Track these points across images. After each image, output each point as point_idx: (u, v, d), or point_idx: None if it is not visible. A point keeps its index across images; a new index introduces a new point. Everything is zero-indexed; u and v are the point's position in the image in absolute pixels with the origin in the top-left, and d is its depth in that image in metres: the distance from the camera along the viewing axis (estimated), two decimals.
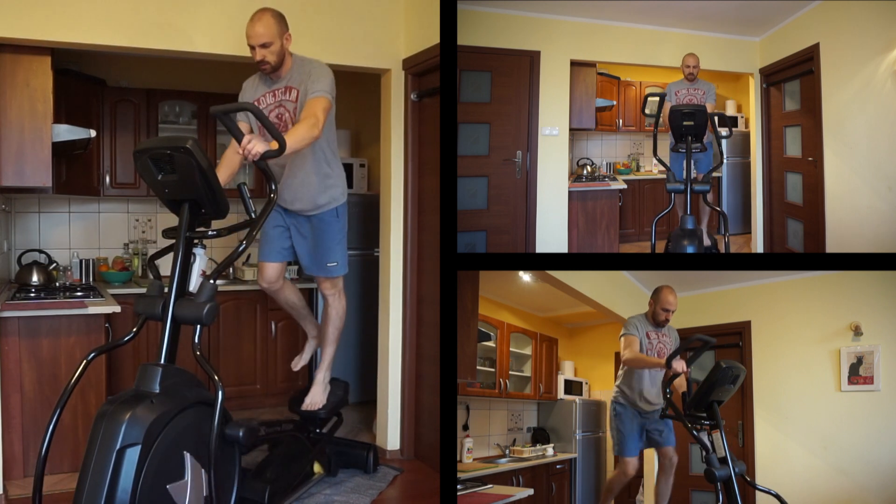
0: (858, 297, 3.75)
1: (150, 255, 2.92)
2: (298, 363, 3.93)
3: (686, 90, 4.34)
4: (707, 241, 4.11)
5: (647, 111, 4.18)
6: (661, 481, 3.85)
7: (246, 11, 3.67)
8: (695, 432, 2.94)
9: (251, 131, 3.34)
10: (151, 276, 2.80)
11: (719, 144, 4.09)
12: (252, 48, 3.21)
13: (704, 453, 2.86)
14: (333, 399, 3.81)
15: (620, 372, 3.80)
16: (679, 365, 3.22)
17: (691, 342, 3.15)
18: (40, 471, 2.44)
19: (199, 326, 2.57)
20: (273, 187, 2.78)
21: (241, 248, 2.66)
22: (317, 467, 3.72)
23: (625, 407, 3.72)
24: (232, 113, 2.72)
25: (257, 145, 2.70)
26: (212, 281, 2.60)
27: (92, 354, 2.57)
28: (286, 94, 3.30)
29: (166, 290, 2.69)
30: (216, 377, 2.48)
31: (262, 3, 3.77)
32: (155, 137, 4.85)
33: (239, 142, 2.74)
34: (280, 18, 3.24)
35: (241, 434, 2.64)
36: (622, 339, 3.63)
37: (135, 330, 2.66)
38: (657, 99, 4.12)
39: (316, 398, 3.76)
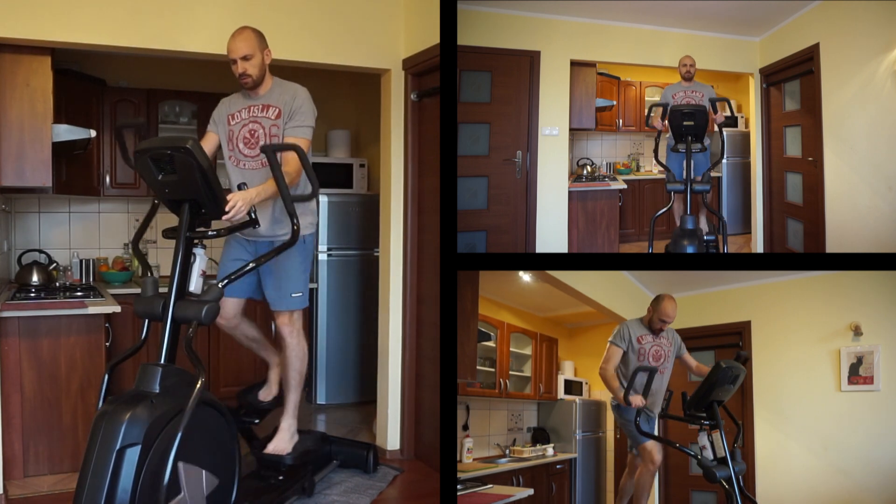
0: (858, 297, 3.75)
1: (133, 238, 2.95)
2: (269, 394, 3.68)
3: (683, 92, 4.33)
4: (706, 228, 4.12)
5: (650, 124, 4.18)
6: (630, 477, 3.85)
7: (246, 11, 3.69)
8: (678, 446, 2.98)
9: (218, 145, 3.39)
10: (136, 263, 2.83)
11: (721, 135, 4.08)
12: (234, 62, 3.21)
13: (696, 459, 2.88)
14: (301, 447, 3.54)
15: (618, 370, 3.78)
16: (636, 400, 3.32)
17: (637, 374, 3.31)
18: None
19: (195, 324, 2.58)
20: (296, 222, 2.83)
21: (249, 268, 2.83)
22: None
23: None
24: (279, 151, 2.89)
25: (240, 209, 2.81)
26: (220, 286, 2.64)
27: (107, 374, 2.64)
28: (263, 111, 3.28)
29: (162, 288, 2.70)
30: (201, 369, 2.49)
31: (261, 4, 3.78)
32: (155, 137, 4.84)
33: (277, 182, 2.80)
34: (259, 35, 3.26)
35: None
36: (608, 345, 3.64)
37: (143, 336, 2.68)
38: (660, 109, 4.11)
39: (281, 445, 3.48)
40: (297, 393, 3.55)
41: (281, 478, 3.40)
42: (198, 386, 2.42)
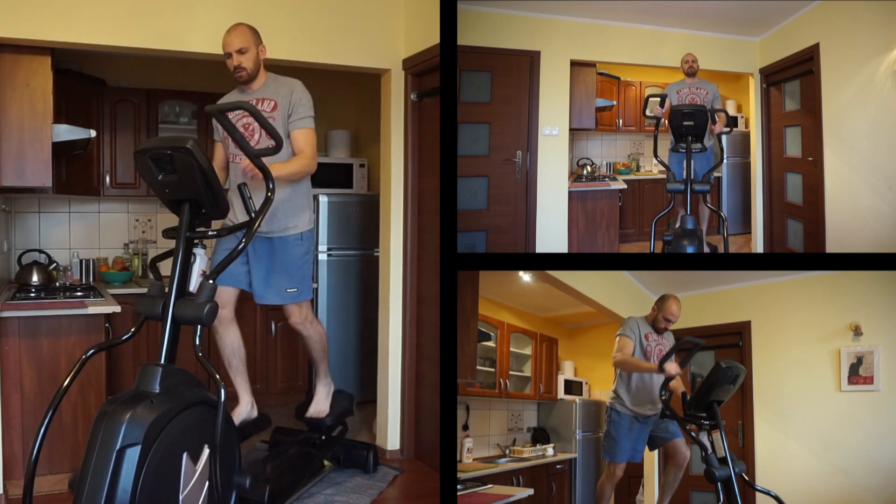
0: (858, 297, 3.75)
1: (152, 257, 2.92)
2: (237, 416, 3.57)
3: (688, 89, 4.33)
4: (707, 250, 4.12)
5: (647, 113, 4.18)
6: (670, 473, 3.83)
7: (245, 12, 3.69)
8: (693, 434, 2.95)
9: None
10: (152, 278, 2.80)
11: (720, 142, 4.09)
12: (229, 55, 3.26)
13: (703, 454, 2.86)
14: (338, 408, 3.85)
15: (616, 374, 3.78)
16: (672, 368, 3.24)
17: (682, 344, 3.18)
18: (31, 472, 2.42)
19: (199, 326, 2.57)
20: (271, 186, 2.76)
21: (240, 247, 2.64)
22: (327, 464, 3.81)
23: (620, 414, 3.65)
24: (227, 112, 2.76)
25: (252, 171, 2.86)
26: (211, 281, 2.60)
27: (91, 352, 2.56)
28: (257, 105, 3.30)
29: (167, 290, 2.69)
30: (217, 377, 2.47)
31: (261, 4, 3.78)
32: (155, 137, 4.85)
33: (235, 140, 2.75)
34: (254, 31, 3.32)
35: (247, 483, 2.65)
36: (617, 339, 3.62)
37: (133, 329, 2.66)
38: (658, 100, 4.12)
39: (320, 406, 3.80)
40: (325, 362, 3.79)
41: (323, 437, 3.79)
42: (222, 401, 2.43)
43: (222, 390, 2.44)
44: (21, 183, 3.65)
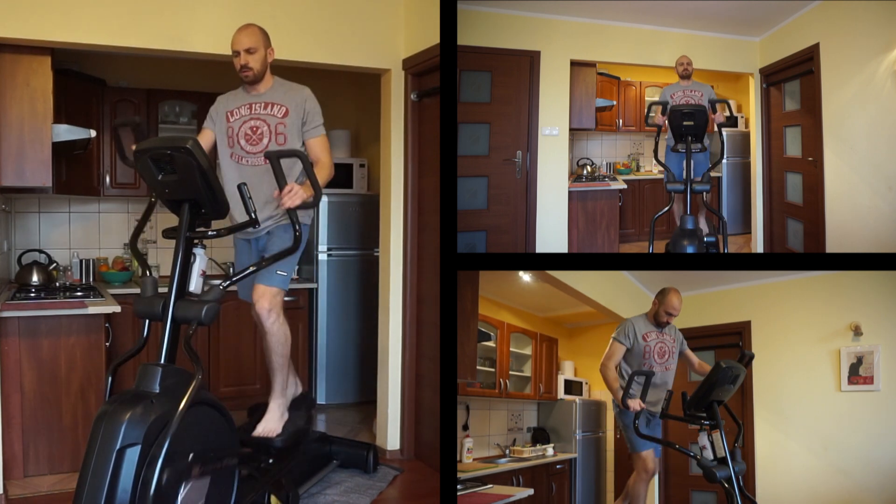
0: (858, 297, 3.75)
1: (130, 236, 2.95)
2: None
3: (682, 91, 4.33)
4: (705, 228, 4.12)
5: (649, 122, 4.18)
6: (640, 484, 3.83)
7: (246, 12, 3.69)
8: (680, 448, 3.00)
9: (214, 142, 3.39)
10: (136, 263, 2.82)
11: (721, 135, 4.09)
12: (237, 54, 3.24)
13: (696, 459, 2.88)
14: (291, 427, 3.40)
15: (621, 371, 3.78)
16: (634, 404, 3.31)
17: (634, 378, 3.34)
18: None
19: (195, 323, 2.58)
20: (297, 227, 2.86)
21: (250, 271, 2.81)
22: (273, 501, 3.18)
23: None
24: (283, 158, 2.83)
25: (296, 198, 2.86)
26: (221, 286, 2.64)
27: (113, 366, 2.62)
28: (266, 108, 3.30)
29: (162, 288, 2.70)
30: (199, 364, 2.49)
31: (262, 4, 3.79)
32: (155, 137, 4.84)
33: (281, 188, 2.84)
34: (264, 32, 3.31)
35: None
36: (610, 342, 3.64)
37: (145, 335, 2.68)
38: (659, 107, 4.12)
39: (270, 425, 3.36)
40: (283, 373, 3.41)
41: (271, 461, 3.23)
42: (193, 383, 2.41)
43: (199, 375, 2.45)
44: (21, 183, 3.66)
